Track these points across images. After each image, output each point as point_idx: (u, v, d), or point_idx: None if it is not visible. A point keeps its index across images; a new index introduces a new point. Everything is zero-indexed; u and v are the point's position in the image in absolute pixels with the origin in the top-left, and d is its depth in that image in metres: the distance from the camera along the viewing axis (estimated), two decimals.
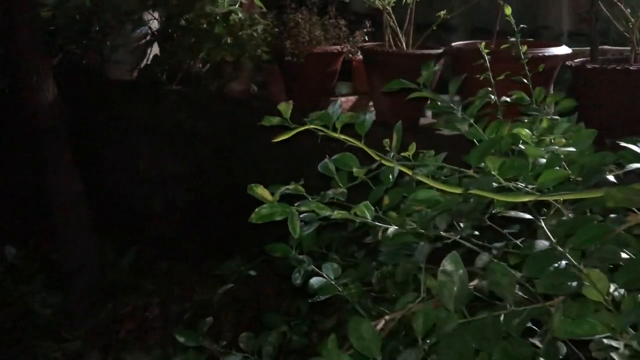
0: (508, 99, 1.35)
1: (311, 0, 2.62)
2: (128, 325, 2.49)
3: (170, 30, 2.87)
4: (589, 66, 1.84)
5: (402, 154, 1.16)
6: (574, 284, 0.73)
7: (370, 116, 1.07)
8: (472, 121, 1.12)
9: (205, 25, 2.69)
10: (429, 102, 2.40)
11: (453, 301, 0.86)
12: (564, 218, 0.91)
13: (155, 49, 3.13)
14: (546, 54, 1.92)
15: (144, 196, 3.21)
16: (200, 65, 2.92)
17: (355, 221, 0.95)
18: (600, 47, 2.18)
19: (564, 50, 2.01)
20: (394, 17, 2.29)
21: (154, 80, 2.95)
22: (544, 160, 0.92)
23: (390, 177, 1.00)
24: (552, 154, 0.92)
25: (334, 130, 1.08)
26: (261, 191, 0.94)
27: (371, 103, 2.50)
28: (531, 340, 0.90)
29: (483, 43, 1.60)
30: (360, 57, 2.59)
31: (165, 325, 2.48)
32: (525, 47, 1.48)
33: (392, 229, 0.91)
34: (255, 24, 2.69)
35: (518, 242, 1.18)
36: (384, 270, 1.31)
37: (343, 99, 2.50)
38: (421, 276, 1.06)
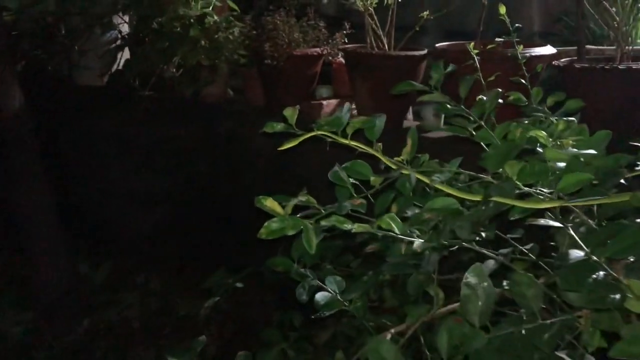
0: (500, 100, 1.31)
1: (289, 2, 2.56)
2: (106, 342, 2.38)
3: (142, 34, 2.78)
4: (577, 66, 1.83)
5: (396, 158, 1.11)
6: (617, 296, 0.68)
7: (382, 121, 1.02)
8: (482, 123, 1.07)
9: (179, 29, 2.60)
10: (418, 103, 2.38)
11: (478, 316, 0.81)
12: (588, 225, 0.87)
13: (126, 54, 3.03)
14: (533, 54, 1.90)
15: (117, 208, 3.09)
16: (174, 70, 2.83)
17: (377, 235, 0.88)
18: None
19: (549, 50, 2.00)
20: (376, 18, 2.25)
21: (126, 86, 2.84)
22: (561, 164, 0.88)
23: (408, 185, 0.94)
24: (572, 157, 0.88)
25: (344, 136, 1.01)
26: (270, 203, 0.87)
27: (353, 106, 2.45)
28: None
29: (472, 43, 1.57)
30: (341, 59, 2.54)
31: (146, 340, 2.38)
32: (521, 47, 1.45)
33: (418, 242, 0.86)
34: (232, 26, 2.61)
35: (524, 248, 1.15)
36: (381, 279, 1.25)
37: (324, 102, 2.44)
38: (432, 287, 1.01)
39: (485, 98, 1.11)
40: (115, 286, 2.71)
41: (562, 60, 1.96)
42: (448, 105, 1.11)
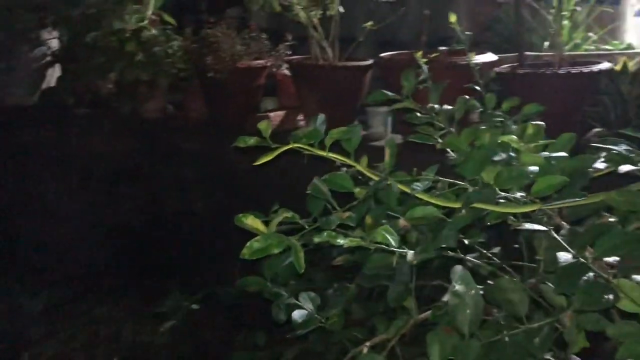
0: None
1: (229, 14, 2.52)
2: None
3: (74, 50, 2.66)
4: (520, 71, 1.88)
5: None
6: (611, 297, 0.69)
7: (359, 130, 1.00)
8: (452, 130, 1.08)
9: (115, 43, 2.50)
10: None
11: (468, 325, 0.80)
12: (563, 227, 0.88)
13: (58, 70, 2.89)
14: (478, 61, 1.94)
15: (53, 232, 2.93)
16: (111, 86, 2.72)
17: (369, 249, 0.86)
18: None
19: (491, 57, 2.05)
20: (320, 29, 2.25)
21: (59, 104, 2.71)
22: (534, 168, 0.89)
23: (392, 195, 0.92)
24: (545, 160, 0.89)
25: (321, 148, 0.99)
26: (252, 222, 0.83)
27: (300, 117, 2.43)
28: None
29: (420, 52, 1.59)
30: (285, 71, 2.52)
31: None
32: (473, 54, 1.48)
33: (411, 253, 0.84)
34: (171, 39, 2.54)
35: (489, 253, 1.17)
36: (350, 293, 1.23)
37: (271, 114, 2.41)
38: (410, 300, 1.00)
39: (446, 106, 1.12)
40: (55, 316, 2.55)
41: (504, 66, 2.01)
42: (418, 114, 1.11)
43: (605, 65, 1.84)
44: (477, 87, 1.36)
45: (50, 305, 2.60)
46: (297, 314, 1.03)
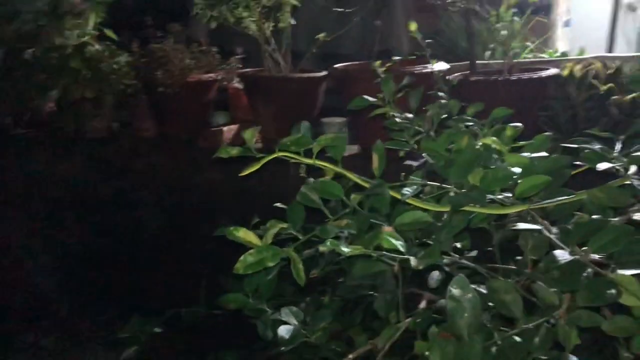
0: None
1: (176, 28, 2.47)
2: None
3: (11, 68, 2.52)
4: (472, 79, 1.93)
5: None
6: (613, 292, 0.70)
7: (346, 138, 0.98)
8: (432, 134, 1.08)
9: (56, 60, 2.40)
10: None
11: (467, 329, 0.79)
12: (545, 226, 0.89)
13: None
14: (429, 70, 1.97)
15: None
16: (52, 105, 2.60)
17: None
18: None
19: (443, 65, 2.09)
20: (273, 41, 2.23)
21: None
22: (516, 169, 0.90)
23: (384, 201, 0.91)
24: (529, 161, 0.90)
25: (307, 155, 0.96)
26: (244, 234, 0.79)
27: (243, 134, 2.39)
28: None
29: (378, 62, 1.60)
30: (236, 84, 2.48)
31: None
32: (435, 61, 1.50)
33: (413, 259, 0.82)
34: (116, 55, 2.46)
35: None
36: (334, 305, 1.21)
37: (225, 128, 2.36)
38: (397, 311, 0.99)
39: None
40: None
41: (456, 74, 2.05)
42: (397, 120, 1.11)
43: (553, 71, 1.91)
44: (442, 93, 1.37)
45: None
46: (283, 330, 1.00)
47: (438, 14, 3.32)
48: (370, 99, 1.18)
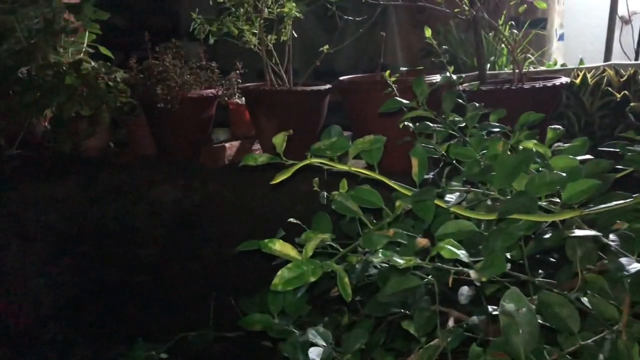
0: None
1: (174, 43, 2.41)
2: None
3: (4, 86, 2.45)
4: (484, 88, 1.88)
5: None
6: None
7: (383, 141, 0.92)
8: (467, 139, 1.02)
9: (51, 78, 2.33)
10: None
11: (523, 347, 0.73)
12: (593, 233, 0.83)
13: None
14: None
15: None
16: (46, 124, 2.53)
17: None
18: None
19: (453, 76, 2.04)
20: (275, 55, 2.18)
21: None
22: (563, 174, 0.84)
23: (428, 210, 0.84)
24: (575, 165, 0.85)
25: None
26: (281, 247, 0.72)
27: (256, 146, 2.34)
28: None
29: (387, 72, 1.55)
30: (237, 100, 2.42)
31: None
32: (452, 68, 1.45)
33: (473, 272, 0.75)
34: (113, 72, 2.40)
35: None
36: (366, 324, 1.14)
37: (227, 144, 2.29)
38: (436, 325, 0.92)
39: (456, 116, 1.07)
40: None
41: (465, 85, 2.01)
42: (429, 123, 1.05)
43: (565, 79, 1.87)
44: (462, 101, 1.32)
45: None
46: (313, 352, 0.92)
47: (434, 29, 3.30)
48: (405, 101, 1.12)
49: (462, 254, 0.73)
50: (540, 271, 1.13)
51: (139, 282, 2.35)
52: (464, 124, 1.27)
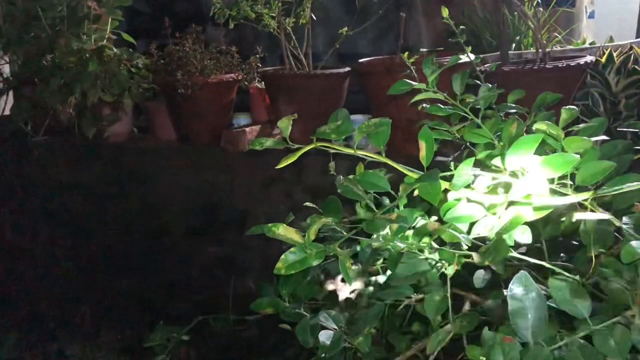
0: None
1: (195, 29, 2.41)
2: None
3: (30, 74, 2.50)
4: (505, 69, 1.84)
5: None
6: None
7: (389, 124, 0.91)
8: (479, 122, 1.00)
9: (74, 64, 2.36)
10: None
11: (530, 331, 0.72)
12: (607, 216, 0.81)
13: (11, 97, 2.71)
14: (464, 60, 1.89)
15: (14, 270, 2.73)
16: (71, 110, 2.56)
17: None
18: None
19: (472, 56, 2.00)
20: (294, 38, 2.17)
21: (16, 133, 2.54)
22: (577, 155, 0.82)
23: (435, 193, 0.83)
24: (590, 147, 0.82)
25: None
26: (284, 231, 0.72)
27: (277, 131, 2.34)
28: None
29: (406, 54, 1.53)
30: (257, 84, 2.42)
31: None
32: (469, 49, 1.42)
33: (477, 256, 0.75)
34: (135, 57, 2.42)
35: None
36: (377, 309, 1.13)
37: (247, 129, 2.30)
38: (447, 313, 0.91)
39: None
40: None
41: (487, 64, 1.97)
42: (441, 105, 1.03)
43: (590, 57, 1.82)
44: (479, 82, 1.29)
45: (18, 348, 2.40)
46: (324, 335, 0.92)
47: (459, 8, 3.23)
48: (413, 83, 1.10)
49: (462, 237, 0.71)
50: (562, 254, 1.11)
51: (162, 263, 2.39)
52: (478, 106, 1.25)
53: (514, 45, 2.74)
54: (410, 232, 0.84)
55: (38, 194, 2.64)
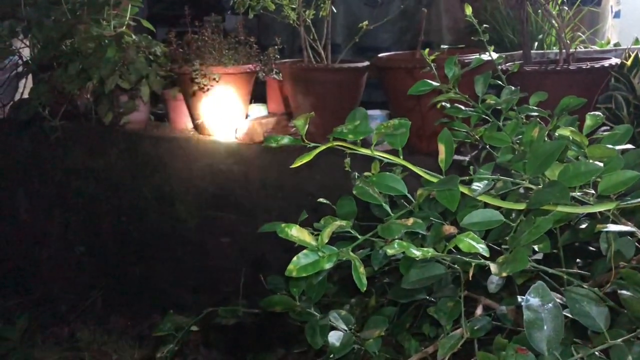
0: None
1: (214, 18, 2.40)
2: None
3: (49, 59, 2.50)
4: (527, 69, 1.81)
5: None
6: None
7: (408, 125, 0.89)
8: (500, 124, 0.98)
9: (93, 50, 2.36)
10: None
11: (546, 343, 0.70)
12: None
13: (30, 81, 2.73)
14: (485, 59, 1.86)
15: (29, 252, 2.76)
16: (88, 96, 2.57)
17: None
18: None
19: (494, 55, 1.97)
20: (314, 31, 2.15)
21: (34, 117, 2.55)
22: (600, 163, 0.80)
23: (453, 198, 0.81)
24: (614, 155, 0.80)
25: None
26: (297, 232, 0.71)
27: (292, 123, 2.32)
28: None
29: (426, 50, 1.50)
30: (274, 76, 2.40)
31: None
32: (492, 48, 1.39)
33: (494, 266, 0.73)
34: (154, 45, 2.41)
35: None
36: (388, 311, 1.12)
37: (263, 121, 2.29)
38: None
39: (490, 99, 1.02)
40: (36, 342, 2.37)
41: (508, 64, 1.94)
42: (461, 107, 1.01)
43: (615, 60, 1.78)
44: (500, 82, 1.27)
45: (29, 329, 2.42)
46: (334, 336, 0.91)
47: (481, 5, 3.19)
48: (434, 83, 1.08)
49: (481, 247, 0.70)
50: (578, 260, 1.09)
51: (175, 251, 2.39)
52: (499, 108, 1.23)
53: (536, 43, 2.69)
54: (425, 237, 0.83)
55: (54, 178, 2.65)
